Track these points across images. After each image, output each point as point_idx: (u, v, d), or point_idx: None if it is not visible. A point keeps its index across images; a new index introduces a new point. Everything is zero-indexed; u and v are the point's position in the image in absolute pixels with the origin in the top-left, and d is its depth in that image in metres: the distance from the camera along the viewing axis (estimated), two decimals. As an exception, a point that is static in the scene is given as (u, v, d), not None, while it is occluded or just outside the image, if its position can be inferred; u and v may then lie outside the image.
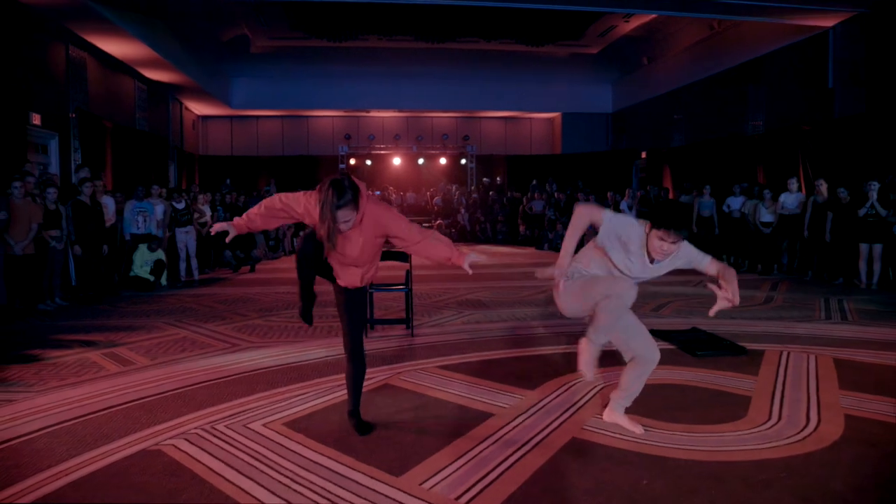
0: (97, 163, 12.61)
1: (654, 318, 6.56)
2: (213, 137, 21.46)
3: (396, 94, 20.23)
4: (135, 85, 15.29)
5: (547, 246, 15.05)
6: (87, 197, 7.62)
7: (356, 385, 3.42)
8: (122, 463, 3.00)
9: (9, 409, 3.78)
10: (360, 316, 3.43)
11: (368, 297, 5.92)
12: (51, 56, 11.64)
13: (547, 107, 20.87)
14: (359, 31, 17.58)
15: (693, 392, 4.06)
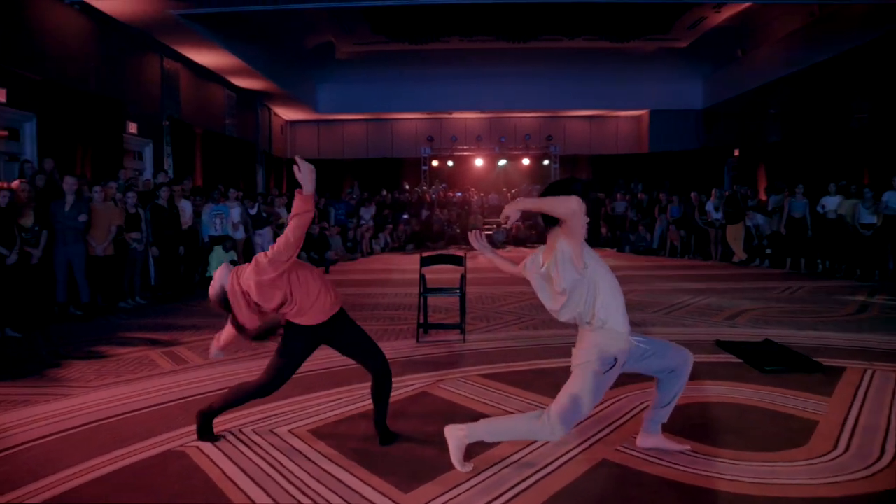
0: (187, 167, 13.30)
1: (727, 327, 6.11)
2: (301, 141, 22.17)
3: (479, 96, 20.16)
4: (224, 93, 16.01)
5: (628, 248, 14.50)
6: (164, 201, 7.99)
7: (384, 399, 3.33)
8: (144, 462, 3.06)
9: (62, 403, 3.97)
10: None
11: (423, 302, 5.92)
12: (146, 68, 12.38)
13: (634, 104, 20.18)
14: (439, 32, 17.62)
15: (751, 413, 3.70)
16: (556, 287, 2.84)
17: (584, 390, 2.79)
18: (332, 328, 3.23)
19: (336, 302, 3.22)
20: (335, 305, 3.21)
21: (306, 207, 2.98)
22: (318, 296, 3.13)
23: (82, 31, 10.29)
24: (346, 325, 3.30)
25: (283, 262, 3.00)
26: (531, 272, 3.01)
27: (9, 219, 5.89)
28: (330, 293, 3.19)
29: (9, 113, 8.81)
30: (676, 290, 8.67)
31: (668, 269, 11.49)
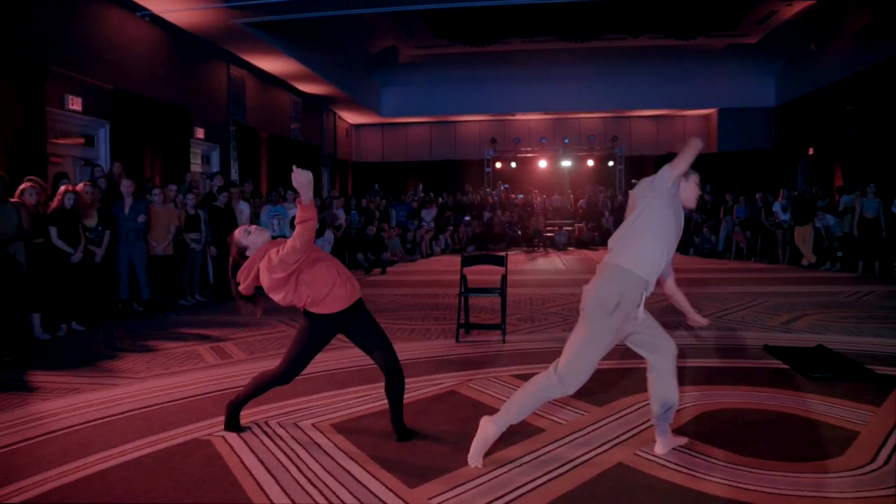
0: (252, 170, 13.78)
1: (781, 332, 5.84)
2: (366, 144, 22.58)
3: (542, 97, 19.99)
4: (290, 97, 16.51)
5: (692, 250, 14.04)
6: (222, 203, 8.31)
7: (398, 397, 3.37)
8: (172, 449, 3.20)
9: (108, 392, 4.21)
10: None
11: (465, 301, 5.92)
12: (214, 76, 12.91)
13: (702, 103, 19.53)
14: (500, 34, 17.62)
15: (789, 421, 3.52)
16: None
17: (588, 338, 2.79)
18: (348, 319, 3.29)
19: (353, 293, 3.27)
20: (352, 296, 3.26)
21: (308, 216, 3.06)
22: (332, 286, 3.19)
23: (152, 41, 10.84)
24: (363, 317, 3.35)
25: (290, 264, 3.09)
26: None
27: (74, 219, 6.28)
28: (346, 284, 3.25)
29: (84, 121, 9.38)
30: (735, 293, 8.33)
31: (730, 271, 11.06)
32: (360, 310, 3.33)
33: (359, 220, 12.47)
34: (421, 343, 5.64)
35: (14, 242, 5.70)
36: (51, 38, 8.47)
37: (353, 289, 3.28)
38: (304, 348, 3.31)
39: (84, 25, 9.19)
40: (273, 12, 11.60)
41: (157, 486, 2.80)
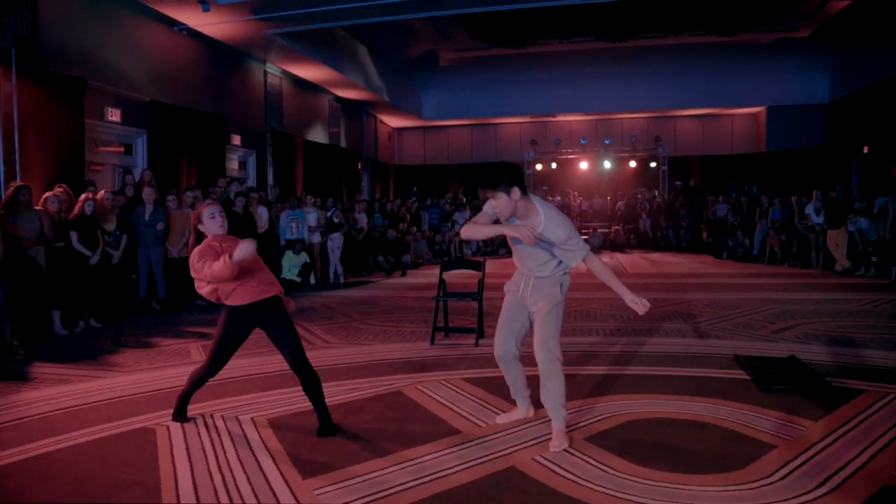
0: (288, 175, 14.34)
1: (764, 341, 5.75)
2: (407, 147, 22.97)
3: (582, 97, 19.87)
4: (328, 103, 17.02)
5: (725, 254, 13.71)
6: (239, 208, 8.76)
7: (316, 396, 3.59)
8: (119, 436, 3.54)
9: (92, 384, 4.62)
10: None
11: (441, 305, 6.11)
12: (250, 84, 13.51)
13: (750, 101, 18.96)
14: (537, 35, 17.62)
15: (711, 433, 3.53)
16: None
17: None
18: (262, 314, 3.54)
19: (266, 290, 3.52)
20: (264, 292, 3.51)
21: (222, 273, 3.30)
22: (242, 281, 3.45)
23: (188, 53, 11.48)
24: (279, 316, 3.58)
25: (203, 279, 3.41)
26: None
27: (93, 224, 6.81)
28: (258, 281, 3.49)
29: (123, 131, 10.06)
30: (745, 299, 8.18)
31: (757, 276, 10.78)
32: (275, 308, 3.57)
33: (382, 223, 12.79)
34: (395, 345, 5.87)
35: (35, 247, 6.26)
36: (91, 55, 9.14)
37: (266, 285, 3.52)
38: (221, 340, 3.60)
39: (123, 41, 9.85)
40: (306, 22, 12.05)
41: (86, 467, 3.13)
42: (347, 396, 4.24)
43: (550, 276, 3.44)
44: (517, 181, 3.23)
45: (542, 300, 3.43)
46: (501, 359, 3.65)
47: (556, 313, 3.42)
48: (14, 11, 7.98)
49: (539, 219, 3.29)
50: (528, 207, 3.30)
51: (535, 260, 3.42)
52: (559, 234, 3.28)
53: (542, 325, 3.40)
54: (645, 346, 5.65)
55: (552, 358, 3.37)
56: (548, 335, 3.38)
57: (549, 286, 3.44)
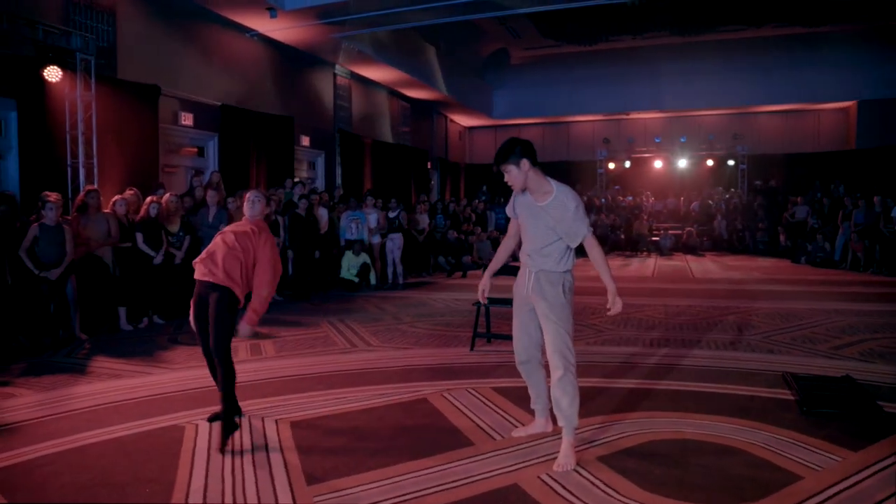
0: (356, 175, 14.65)
1: (822, 357, 5.43)
2: (478, 146, 22.98)
3: (656, 94, 19.31)
4: (398, 103, 17.26)
5: (804, 259, 12.97)
6: (302, 210, 9.04)
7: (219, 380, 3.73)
8: (149, 432, 3.75)
9: (140, 379, 4.91)
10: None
11: (483, 310, 6.09)
12: (319, 86, 13.89)
13: (839, 95, 17.84)
14: (608, 32, 17.24)
15: (735, 458, 3.34)
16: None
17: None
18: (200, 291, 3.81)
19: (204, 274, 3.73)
20: (203, 275, 3.74)
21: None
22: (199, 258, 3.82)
23: (259, 57, 11.93)
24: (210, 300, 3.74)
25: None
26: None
27: (157, 226, 7.21)
28: (204, 264, 3.76)
29: (195, 134, 10.59)
30: (812, 309, 7.73)
31: (832, 284, 10.15)
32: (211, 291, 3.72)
33: (444, 223, 12.86)
34: (435, 350, 5.90)
35: (102, 247, 6.68)
36: (164, 63, 9.67)
37: (205, 271, 3.73)
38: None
39: (195, 49, 10.36)
40: (372, 25, 12.28)
41: (114, 460, 3.34)
42: (372, 402, 4.32)
43: (552, 269, 3.37)
44: (527, 154, 3.32)
45: (543, 300, 3.37)
46: (523, 366, 3.62)
47: (562, 315, 3.33)
48: (96, 25, 8.56)
49: (550, 190, 3.33)
50: (539, 180, 3.35)
51: (539, 240, 3.38)
52: (568, 205, 3.28)
53: (548, 328, 3.35)
54: (686, 358, 5.44)
55: (566, 365, 3.30)
56: (558, 340, 3.32)
57: (550, 286, 3.36)
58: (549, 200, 3.32)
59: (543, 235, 3.38)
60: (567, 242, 3.37)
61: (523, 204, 3.44)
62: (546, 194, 3.34)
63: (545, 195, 3.34)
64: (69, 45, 7.52)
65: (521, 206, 3.46)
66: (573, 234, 3.33)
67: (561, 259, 3.40)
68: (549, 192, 3.34)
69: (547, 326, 3.36)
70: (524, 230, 3.49)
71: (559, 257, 3.39)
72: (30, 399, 4.45)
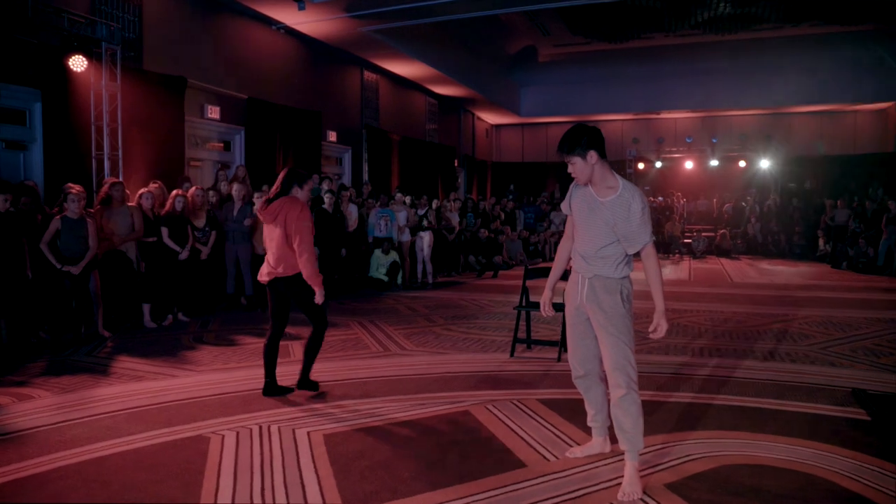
0: (383, 172, 14.38)
1: (889, 372, 5.02)
2: (505, 144, 22.62)
3: (688, 94, 18.80)
4: (425, 100, 16.97)
5: (845, 264, 12.45)
6: (329, 206, 8.77)
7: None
8: (173, 443, 3.48)
9: (163, 383, 4.66)
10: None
11: (524, 315, 5.78)
12: (346, 81, 13.64)
13: (877, 95, 17.20)
14: (640, 29, 16.78)
15: (819, 489, 2.98)
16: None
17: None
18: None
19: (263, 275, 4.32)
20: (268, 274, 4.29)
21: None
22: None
23: (286, 51, 11.69)
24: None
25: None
26: None
27: (183, 221, 6.98)
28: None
29: (221, 128, 10.37)
30: (867, 318, 7.29)
31: (882, 291, 9.66)
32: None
33: (474, 222, 12.54)
34: (473, 355, 5.60)
35: (126, 242, 6.46)
36: (191, 54, 9.46)
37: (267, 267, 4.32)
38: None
39: (222, 41, 10.14)
40: (401, 18, 11.96)
41: (134, 475, 3.07)
42: (413, 413, 4.02)
43: (608, 275, 3.03)
44: (595, 144, 2.97)
45: (600, 311, 3.03)
46: (580, 380, 3.30)
47: (622, 326, 3.00)
48: (122, 15, 8.35)
49: (615, 186, 3.00)
50: (604, 174, 3.01)
51: (595, 242, 3.04)
52: (634, 205, 2.94)
53: (607, 341, 3.01)
54: (739, 370, 5.06)
55: (629, 382, 2.97)
56: (618, 354, 2.99)
57: (607, 294, 3.02)
58: (612, 197, 2.99)
59: (601, 236, 3.04)
60: (625, 247, 3.03)
61: (581, 199, 3.09)
62: (610, 189, 3.00)
63: (609, 190, 3.00)
64: (95, 35, 7.31)
65: (579, 200, 3.10)
66: (634, 239, 2.99)
67: (619, 264, 3.06)
68: (614, 187, 3.00)
69: (605, 340, 3.03)
70: (579, 228, 3.13)
71: (617, 262, 3.06)
72: (47, 402, 4.21)
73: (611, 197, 2.98)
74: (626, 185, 3.01)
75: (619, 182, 3.01)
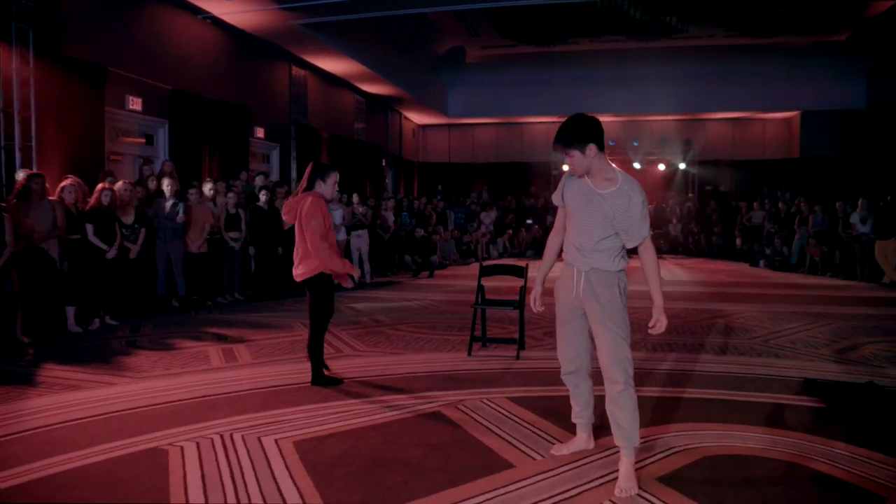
0: (311, 170, 13.95)
1: (832, 363, 5.26)
2: (432, 145, 22.55)
3: (611, 98, 19.30)
4: (354, 98, 16.65)
5: (762, 262, 13.15)
6: (264, 203, 8.40)
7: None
8: (128, 457, 3.15)
9: (102, 391, 4.25)
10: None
11: (480, 313, 5.69)
12: (275, 76, 13.16)
13: (783, 105, 18.32)
14: (567, 34, 17.16)
15: (800, 478, 3.03)
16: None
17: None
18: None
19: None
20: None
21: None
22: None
23: (213, 42, 11.14)
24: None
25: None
26: None
27: (110, 217, 6.47)
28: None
29: (144, 120, 9.73)
30: (798, 313, 7.67)
31: (800, 287, 10.24)
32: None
33: (409, 222, 12.39)
34: (429, 355, 5.46)
35: (48, 239, 5.91)
36: (112, 40, 8.82)
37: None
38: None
39: (145, 28, 9.52)
40: (332, 13, 11.66)
41: (92, 496, 2.74)
42: (384, 416, 3.83)
43: (606, 269, 2.99)
44: (594, 136, 2.87)
45: (597, 304, 2.98)
46: (570, 376, 3.23)
47: (619, 321, 2.96)
48: (35, -7, 7.67)
49: (614, 178, 2.93)
50: (602, 166, 2.94)
51: (594, 233, 2.97)
52: (634, 199, 2.89)
53: (605, 336, 2.96)
54: (698, 364, 5.18)
55: (626, 378, 2.93)
56: (617, 349, 2.94)
57: (605, 288, 2.98)
58: (612, 189, 2.93)
59: (600, 228, 2.97)
60: (623, 240, 2.99)
61: (577, 191, 3.01)
62: (609, 182, 2.94)
63: (608, 182, 2.94)
64: (4, 10, 6.67)
65: (574, 192, 3.03)
66: (633, 232, 2.94)
67: (616, 257, 3.02)
68: (613, 179, 2.94)
69: (604, 335, 2.97)
70: (574, 221, 3.06)
71: (614, 255, 3.01)
72: (-31, 417, 3.75)
73: (611, 189, 2.92)
74: (626, 178, 2.96)
75: (618, 174, 2.96)
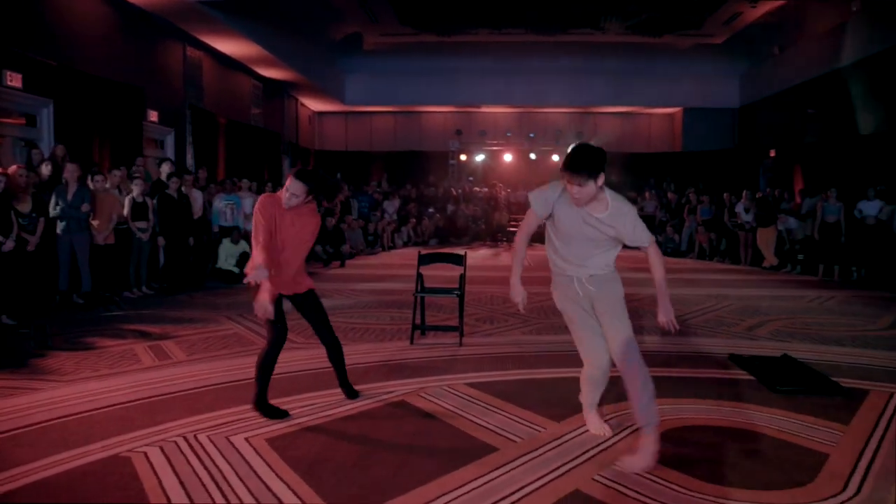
0: (209, 156, 13.27)
1: (746, 339, 5.73)
2: (329, 133, 22.09)
3: (509, 90, 19.78)
4: (250, 82, 15.97)
5: (655, 250, 14.03)
6: (173, 191, 7.89)
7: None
8: (87, 467, 2.89)
9: (26, 398, 3.84)
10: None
11: (419, 301, 5.67)
12: (169, 56, 12.35)
13: (667, 101, 19.58)
14: (468, 24, 17.33)
15: (755, 440, 3.35)
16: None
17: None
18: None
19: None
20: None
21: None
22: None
23: (103, 17, 10.27)
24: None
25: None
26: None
27: (5, 205, 5.83)
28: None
29: (25, 99, 8.80)
30: (699, 295, 8.26)
31: (693, 272, 11.03)
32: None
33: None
34: (374, 345, 5.39)
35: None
36: (-13, 8, 7.91)
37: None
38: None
39: (26, -3, 8.62)
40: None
41: (62, 514, 2.49)
42: (349, 407, 3.75)
43: (605, 272, 3.18)
44: (604, 167, 2.93)
45: (605, 297, 3.15)
46: (600, 374, 3.32)
47: (625, 310, 3.17)
48: None
49: (605, 199, 3.03)
50: (599, 192, 3.02)
51: (590, 251, 3.12)
52: (627, 214, 3.02)
53: (618, 326, 3.12)
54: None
55: (641, 358, 3.12)
56: (629, 332, 3.13)
57: (609, 282, 3.18)
58: (607, 213, 3.02)
59: (595, 245, 3.13)
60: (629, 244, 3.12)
61: (570, 213, 3.06)
62: (601, 203, 3.02)
63: (601, 205, 3.03)
64: None
65: (567, 213, 3.07)
66: (638, 240, 3.09)
67: (610, 261, 3.22)
68: (605, 200, 3.03)
69: (614, 322, 3.14)
70: (567, 238, 3.14)
71: (609, 260, 3.21)
72: None
73: (606, 213, 3.01)
74: (613, 196, 3.06)
75: (607, 195, 3.03)
